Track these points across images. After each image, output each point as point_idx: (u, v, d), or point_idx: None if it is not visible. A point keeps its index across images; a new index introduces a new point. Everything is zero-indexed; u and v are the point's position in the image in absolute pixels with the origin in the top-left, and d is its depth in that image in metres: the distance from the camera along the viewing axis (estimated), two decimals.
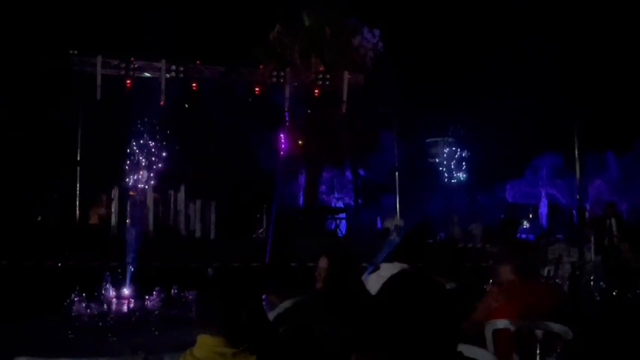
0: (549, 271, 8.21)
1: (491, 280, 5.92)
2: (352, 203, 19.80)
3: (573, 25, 18.76)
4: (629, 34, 18.39)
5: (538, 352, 3.35)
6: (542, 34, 19.03)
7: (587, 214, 17.98)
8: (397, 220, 17.34)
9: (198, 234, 14.05)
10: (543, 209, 21.29)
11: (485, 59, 19.04)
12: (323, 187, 20.13)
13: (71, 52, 14.97)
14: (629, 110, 18.92)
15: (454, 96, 19.53)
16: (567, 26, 18.83)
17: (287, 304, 4.74)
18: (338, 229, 16.49)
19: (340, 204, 19.77)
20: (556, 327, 4.04)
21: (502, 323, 4.18)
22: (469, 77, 18.92)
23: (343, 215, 17.39)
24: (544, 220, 21.05)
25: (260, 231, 15.49)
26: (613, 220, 11.87)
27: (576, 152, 15.54)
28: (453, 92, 19.44)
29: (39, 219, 14.59)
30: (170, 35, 16.43)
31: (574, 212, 19.10)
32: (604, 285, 7.01)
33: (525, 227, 18.87)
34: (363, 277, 5.46)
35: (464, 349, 3.19)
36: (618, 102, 19.25)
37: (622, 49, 18.95)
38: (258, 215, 15.68)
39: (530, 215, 20.30)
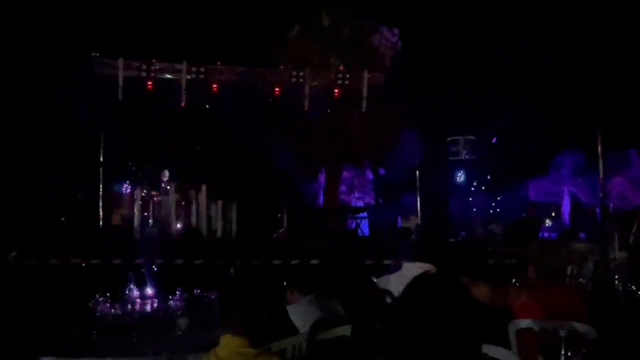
0: (572, 270, 8.12)
1: (514, 280, 5.89)
2: (373, 202, 19.76)
3: (595, 21, 18.55)
4: None
5: (562, 352, 3.32)
6: (562, 31, 18.85)
7: (609, 212, 17.79)
8: (418, 219, 17.30)
9: (219, 233, 14.13)
10: (566, 207, 21.08)
11: (507, 55, 18.89)
12: (343, 187, 20.11)
13: (93, 54, 15.12)
14: None
15: (475, 94, 19.39)
16: (589, 23, 18.62)
17: (306, 300, 4.75)
18: (359, 229, 16.48)
19: (360, 204, 19.74)
20: (580, 327, 4.01)
21: (525, 323, 4.15)
22: (489, 74, 18.78)
23: (364, 214, 17.37)
24: (566, 219, 20.84)
25: (281, 230, 15.53)
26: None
27: (599, 149, 15.38)
28: (474, 89, 19.31)
29: (63, 219, 14.76)
30: (191, 37, 16.54)
31: (597, 210, 18.89)
32: (629, 284, 6.93)
33: (547, 225, 18.69)
34: (384, 277, 5.45)
35: (488, 349, 3.17)
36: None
37: None
38: (279, 215, 15.72)
39: (553, 214, 20.10)
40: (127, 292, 5.72)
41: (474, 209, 18.91)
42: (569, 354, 3.36)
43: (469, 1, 19.40)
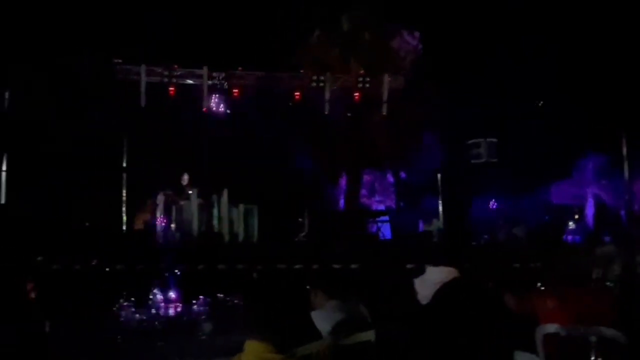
0: (598, 274, 8.01)
1: (539, 284, 5.82)
2: (394, 206, 19.69)
3: (618, 23, 18.32)
4: None
5: (593, 358, 3.27)
6: (584, 31, 18.65)
7: (635, 214, 17.58)
8: (440, 222, 17.21)
9: (241, 238, 14.15)
10: (589, 210, 20.84)
11: (528, 57, 18.74)
12: (364, 190, 20.08)
13: (115, 60, 15.27)
14: None
15: (497, 96, 19.23)
16: (612, 24, 18.40)
17: (330, 304, 4.73)
18: (380, 232, 16.41)
19: (381, 207, 19.68)
20: (609, 332, 3.95)
21: (552, 328, 4.10)
22: (511, 76, 18.64)
23: (385, 218, 17.30)
24: (590, 222, 20.61)
25: (302, 234, 15.52)
26: None
27: (624, 151, 15.20)
28: (495, 91, 19.15)
29: (87, 224, 14.88)
30: (211, 42, 16.64)
31: (621, 212, 18.67)
32: None
33: (571, 228, 18.50)
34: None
35: (516, 355, 3.14)
36: None
37: None
38: (300, 219, 15.71)
39: (576, 217, 19.89)
40: (151, 296, 5.74)
41: (497, 212, 18.77)
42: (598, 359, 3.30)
43: (489, 3, 19.26)
